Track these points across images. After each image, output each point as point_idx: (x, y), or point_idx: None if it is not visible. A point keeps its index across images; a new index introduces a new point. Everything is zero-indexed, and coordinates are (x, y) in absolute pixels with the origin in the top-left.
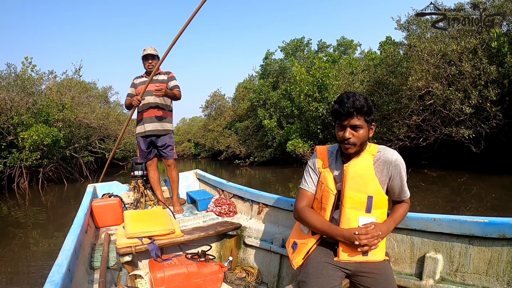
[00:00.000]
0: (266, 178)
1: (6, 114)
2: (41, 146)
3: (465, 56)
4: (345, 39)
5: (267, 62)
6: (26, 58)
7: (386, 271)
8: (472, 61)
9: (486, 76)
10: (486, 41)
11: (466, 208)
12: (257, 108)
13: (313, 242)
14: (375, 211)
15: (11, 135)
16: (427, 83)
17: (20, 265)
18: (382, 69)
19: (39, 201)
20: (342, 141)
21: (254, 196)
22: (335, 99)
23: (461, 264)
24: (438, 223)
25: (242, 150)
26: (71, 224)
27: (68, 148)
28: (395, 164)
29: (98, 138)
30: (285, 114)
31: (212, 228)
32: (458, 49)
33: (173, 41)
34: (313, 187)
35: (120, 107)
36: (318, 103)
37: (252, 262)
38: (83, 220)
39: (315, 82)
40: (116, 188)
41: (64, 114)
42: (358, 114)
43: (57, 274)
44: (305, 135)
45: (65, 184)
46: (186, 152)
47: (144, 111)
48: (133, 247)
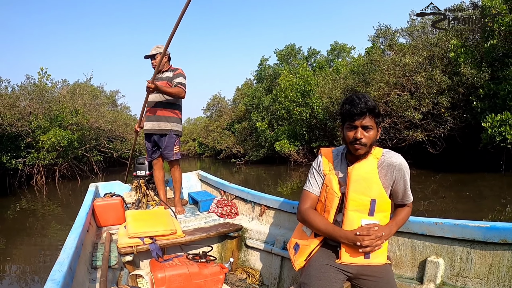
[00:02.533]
0: (260, 175)
1: (25, 119)
2: (58, 147)
3: (421, 67)
4: (337, 43)
5: (262, 67)
6: (41, 68)
7: (387, 274)
8: (425, 72)
9: (438, 86)
10: (444, 52)
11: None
12: (251, 111)
13: (316, 244)
14: (378, 214)
15: (29, 137)
16: (383, 93)
17: (39, 251)
18: (354, 78)
19: (54, 195)
20: (353, 142)
21: (256, 198)
22: (318, 104)
23: (462, 268)
24: (440, 227)
25: (239, 150)
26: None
27: (80, 149)
28: (399, 168)
29: (107, 139)
30: (276, 117)
31: (214, 229)
32: (411, 62)
33: (167, 41)
34: (317, 189)
35: (126, 109)
36: (302, 108)
37: (253, 263)
38: (85, 219)
39: (298, 89)
40: (118, 187)
41: (77, 119)
42: (370, 114)
43: (58, 273)
44: (292, 136)
45: (78, 180)
46: (191, 151)
47: (148, 109)
48: (135, 246)
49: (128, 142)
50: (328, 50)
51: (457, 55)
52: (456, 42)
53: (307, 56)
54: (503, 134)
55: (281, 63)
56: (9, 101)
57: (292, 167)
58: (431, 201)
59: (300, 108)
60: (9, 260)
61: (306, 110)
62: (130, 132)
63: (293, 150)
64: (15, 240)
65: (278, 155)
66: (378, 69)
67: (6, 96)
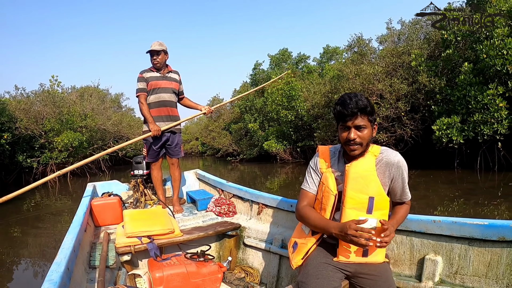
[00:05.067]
0: (254, 172)
1: (39, 122)
2: (69, 148)
3: (382, 76)
4: (329, 47)
5: (256, 71)
6: (52, 76)
7: (385, 272)
8: (385, 80)
9: (397, 92)
10: (407, 61)
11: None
12: (245, 113)
13: (313, 242)
14: (376, 212)
15: (43, 139)
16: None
17: (53, 240)
18: (331, 84)
19: (66, 190)
20: (347, 143)
21: (254, 197)
22: (302, 107)
23: (460, 266)
24: (438, 225)
25: (235, 149)
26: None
27: (89, 149)
28: (397, 166)
29: (113, 139)
30: (267, 118)
31: (212, 228)
32: (372, 71)
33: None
34: (314, 188)
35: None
36: (287, 111)
37: (251, 262)
38: (83, 218)
39: (284, 94)
40: (116, 187)
41: (86, 122)
42: (362, 114)
43: (55, 273)
44: (281, 137)
45: (87, 177)
46: (194, 150)
47: (158, 108)
48: (132, 246)
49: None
50: (321, 53)
51: (418, 64)
52: (418, 51)
53: (297, 60)
54: (449, 136)
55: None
56: (25, 106)
57: (279, 164)
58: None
59: (286, 111)
60: (24, 248)
61: (292, 113)
62: (134, 133)
63: (280, 149)
64: (30, 229)
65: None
66: (347, 77)
67: (22, 103)
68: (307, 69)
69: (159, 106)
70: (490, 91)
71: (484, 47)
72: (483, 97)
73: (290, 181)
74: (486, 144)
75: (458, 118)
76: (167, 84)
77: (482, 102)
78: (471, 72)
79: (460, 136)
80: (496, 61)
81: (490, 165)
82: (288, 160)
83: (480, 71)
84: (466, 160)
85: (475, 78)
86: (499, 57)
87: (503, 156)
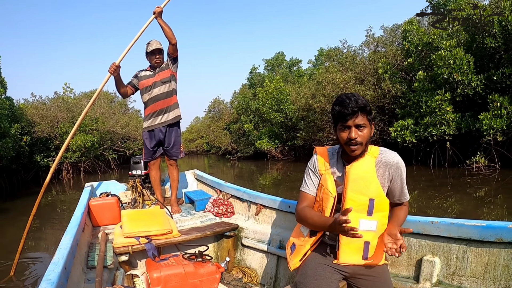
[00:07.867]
0: (250, 168)
1: (55, 126)
2: (82, 148)
3: (348, 83)
4: (323, 49)
5: (252, 75)
6: (65, 84)
7: (383, 274)
8: (353, 86)
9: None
10: (375, 69)
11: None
12: (241, 115)
13: (311, 243)
14: (376, 214)
15: (58, 140)
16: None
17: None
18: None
19: (79, 187)
20: (347, 142)
21: (252, 197)
22: (289, 109)
23: (458, 267)
24: (436, 226)
25: (234, 147)
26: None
27: (99, 149)
28: (396, 167)
29: (121, 140)
30: (262, 119)
31: (210, 229)
32: (342, 80)
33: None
34: (314, 189)
35: (137, 112)
36: (277, 113)
37: (249, 263)
38: (80, 218)
39: (273, 98)
40: (114, 187)
41: (97, 125)
42: (362, 112)
43: (53, 273)
44: (273, 136)
45: (98, 174)
46: (199, 148)
47: (152, 105)
48: (130, 246)
49: (139, 142)
50: (315, 55)
51: (384, 71)
52: (384, 60)
53: (290, 64)
54: (403, 136)
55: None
56: (42, 112)
57: (271, 162)
58: None
59: (275, 113)
60: (43, 238)
61: (281, 115)
62: (140, 134)
63: (272, 147)
64: (47, 222)
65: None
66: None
67: (40, 109)
68: (298, 73)
69: (153, 102)
70: (438, 96)
71: (435, 57)
72: (432, 102)
73: (281, 177)
74: (438, 143)
75: (412, 120)
76: (156, 79)
77: (431, 107)
78: (424, 79)
79: (412, 136)
80: (443, 70)
81: (441, 162)
82: (278, 157)
83: (433, 79)
84: (423, 157)
85: (428, 85)
86: (445, 67)
87: (453, 154)
